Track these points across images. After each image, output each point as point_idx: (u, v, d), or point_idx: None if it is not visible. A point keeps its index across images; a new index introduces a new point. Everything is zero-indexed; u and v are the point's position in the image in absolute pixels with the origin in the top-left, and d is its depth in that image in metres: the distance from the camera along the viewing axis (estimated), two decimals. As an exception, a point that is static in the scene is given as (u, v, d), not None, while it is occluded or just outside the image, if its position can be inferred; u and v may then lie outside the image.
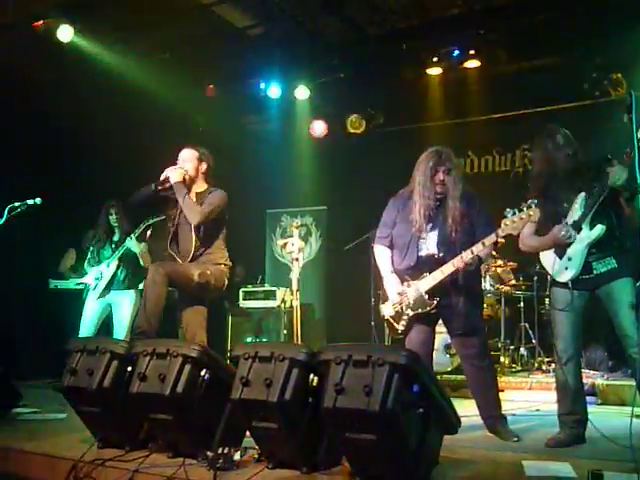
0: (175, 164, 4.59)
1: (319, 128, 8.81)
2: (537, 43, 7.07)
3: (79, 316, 6.02)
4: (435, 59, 7.70)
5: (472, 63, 7.58)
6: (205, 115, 9.17)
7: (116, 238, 6.11)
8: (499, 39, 7.31)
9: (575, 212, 3.74)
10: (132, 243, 5.84)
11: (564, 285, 3.75)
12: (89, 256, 6.08)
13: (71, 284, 6.80)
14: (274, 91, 8.40)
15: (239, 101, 8.94)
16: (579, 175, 3.75)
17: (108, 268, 5.95)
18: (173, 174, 4.48)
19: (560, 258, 3.76)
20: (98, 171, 7.28)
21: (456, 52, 7.55)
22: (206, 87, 8.53)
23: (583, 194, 3.73)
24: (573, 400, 3.74)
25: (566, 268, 3.74)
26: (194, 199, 4.56)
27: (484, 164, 8.34)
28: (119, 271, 5.99)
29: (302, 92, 8.39)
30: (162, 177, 4.51)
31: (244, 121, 9.59)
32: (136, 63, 7.47)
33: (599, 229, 3.64)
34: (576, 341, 3.77)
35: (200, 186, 4.68)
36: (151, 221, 5.67)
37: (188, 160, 4.63)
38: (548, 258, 3.85)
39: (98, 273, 5.98)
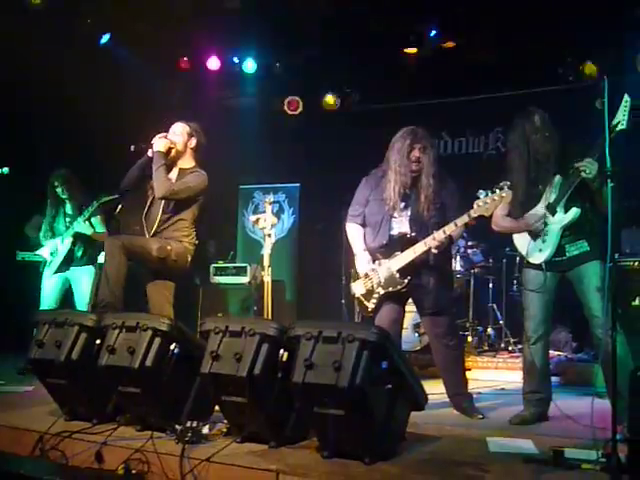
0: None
1: (293, 104, 8.74)
2: (513, 26, 7.07)
3: (39, 289, 5.93)
4: (412, 38, 7.67)
5: (449, 44, 7.56)
6: (179, 88, 9.04)
7: (69, 210, 5.90)
8: (476, 21, 7.30)
9: (550, 195, 3.77)
10: (81, 226, 5.66)
11: (537, 266, 3.80)
12: (43, 228, 5.90)
13: (39, 256, 6.72)
14: (249, 65, 8.31)
15: (213, 75, 8.82)
16: (554, 158, 3.77)
17: (62, 244, 5.78)
18: (157, 142, 4.38)
19: (534, 240, 3.80)
20: (69, 140, 7.16)
21: (433, 32, 7.53)
22: (180, 59, 8.41)
23: (558, 177, 3.76)
24: (539, 379, 3.82)
25: (540, 250, 3.78)
26: (176, 174, 4.47)
27: (457, 145, 8.37)
28: (76, 248, 5.83)
29: (277, 68, 8.30)
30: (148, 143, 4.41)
31: (218, 95, 9.48)
32: (110, 32, 7.32)
33: (574, 212, 3.68)
34: (546, 322, 3.83)
35: (187, 162, 4.57)
36: (102, 200, 5.58)
37: (178, 134, 4.52)
38: (522, 239, 3.90)
39: (53, 247, 5.82)
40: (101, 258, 6.01)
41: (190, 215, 4.48)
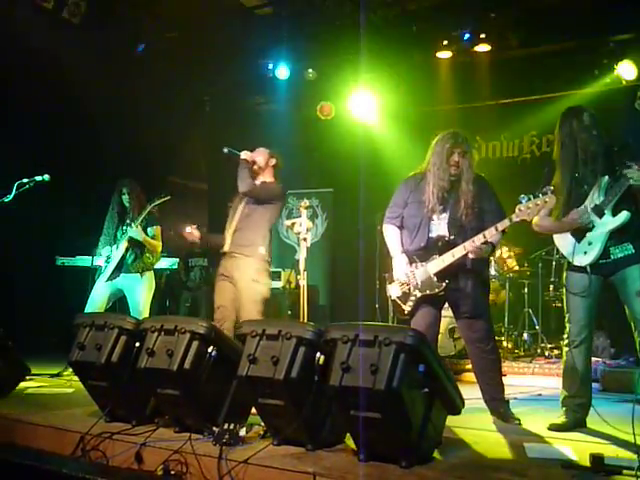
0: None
1: (326, 109, 8.77)
2: (548, 28, 7.01)
3: (85, 293, 5.82)
4: (445, 42, 7.65)
5: (482, 47, 7.52)
6: (213, 95, 9.15)
7: (130, 218, 5.84)
8: (510, 23, 7.26)
9: (596, 195, 3.70)
10: (133, 231, 5.64)
11: (581, 269, 3.72)
12: (102, 237, 5.87)
13: (78, 261, 6.83)
14: (282, 72, 8.36)
15: (247, 81, 8.91)
16: (601, 158, 3.70)
17: (117, 250, 5.74)
18: (244, 153, 4.92)
19: (579, 242, 3.73)
20: (110, 150, 7.29)
21: (467, 36, 7.49)
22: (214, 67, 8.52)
23: (606, 178, 3.68)
24: (580, 384, 3.74)
25: (585, 252, 3.70)
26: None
27: (492, 149, 8.33)
28: (128, 254, 5.75)
29: (310, 73, 8.35)
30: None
31: (252, 102, 9.57)
32: (147, 42, 7.44)
33: (624, 215, 3.60)
34: (589, 326, 3.76)
35: (267, 177, 5.01)
36: (154, 202, 5.64)
37: (260, 152, 5.02)
38: (565, 241, 3.80)
39: (109, 254, 5.79)
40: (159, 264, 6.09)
41: (267, 218, 4.85)
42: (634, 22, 6.40)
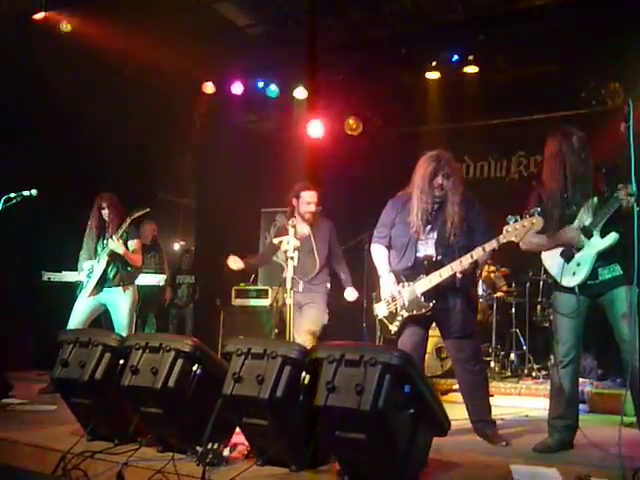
0: None
1: (316, 128, 8.81)
2: (535, 50, 7.10)
3: (70, 309, 5.74)
4: (434, 63, 7.73)
5: (471, 68, 7.61)
6: (203, 113, 9.18)
7: (109, 233, 5.81)
8: (498, 45, 7.35)
9: (584, 217, 3.72)
10: (114, 245, 5.60)
11: (569, 290, 3.73)
12: (82, 251, 5.83)
13: (64, 277, 6.78)
14: (272, 90, 8.40)
15: (237, 99, 8.94)
16: (590, 179, 3.73)
17: (98, 264, 5.69)
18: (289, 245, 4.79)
19: (567, 263, 3.74)
20: (96, 165, 7.28)
21: (455, 57, 7.58)
22: (203, 84, 8.55)
23: (595, 199, 3.71)
24: (566, 405, 3.73)
25: (574, 273, 3.72)
26: (311, 232, 5.29)
27: (480, 169, 8.37)
28: (109, 268, 5.70)
29: (300, 92, 8.40)
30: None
31: (241, 119, 9.60)
32: (135, 58, 7.46)
33: (613, 237, 3.63)
34: (577, 346, 3.76)
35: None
36: (134, 215, 5.62)
37: (315, 200, 5.35)
38: (554, 262, 3.82)
39: (90, 269, 5.74)
40: (138, 281, 6.05)
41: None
42: (619, 45, 6.48)
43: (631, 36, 6.32)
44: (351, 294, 5.41)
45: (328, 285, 5.31)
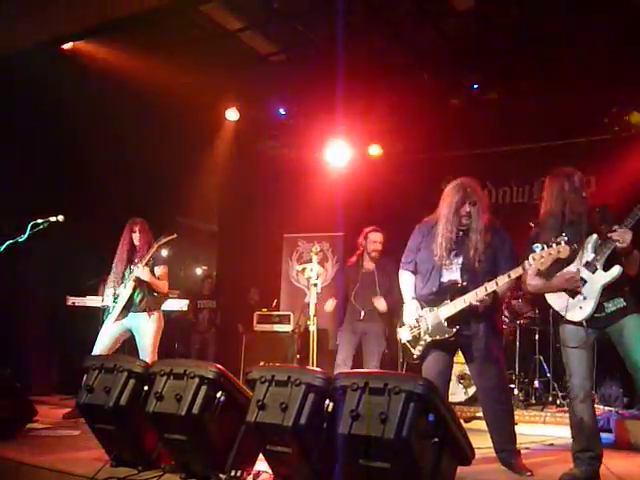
0: None
1: (339, 155, 8.85)
2: (558, 76, 7.11)
3: (95, 334, 5.72)
4: (455, 89, 7.76)
5: (492, 95, 7.63)
6: (226, 139, 9.28)
7: (137, 258, 5.78)
8: (519, 72, 7.36)
9: (586, 254, 3.77)
10: (140, 271, 5.58)
11: (576, 323, 3.75)
12: (111, 275, 5.80)
13: (88, 302, 6.84)
14: (294, 117, 8.48)
15: (258, 126, 9.05)
16: (587, 219, 3.80)
17: (125, 289, 5.66)
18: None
19: (572, 297, 3.76)
20: (121, 190, 7.37)
21: (475, 86, 7.61)
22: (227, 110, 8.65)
23: (595, 236, 3.76)
24: (589, 436, 3.70)
25: (580, 307, 3.74)
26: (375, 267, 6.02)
27: (502, 195, 8.36)
28: (135, 293, 5.66)
29: (321, 119, 8.46)
30: None
31: (262, 146, 9.69)
32: (158, 87, 7.57)
33: (617, 270, 3.66)
34: (590, 378, 3.76)
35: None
36: (161, 241, 5.62)
37: (380, 241, 6.05)
38: (557, 297, 3.84)
39: (117, 294, 5.71)
40: (165, 306, 6.04)
41: None
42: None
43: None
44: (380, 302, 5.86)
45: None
